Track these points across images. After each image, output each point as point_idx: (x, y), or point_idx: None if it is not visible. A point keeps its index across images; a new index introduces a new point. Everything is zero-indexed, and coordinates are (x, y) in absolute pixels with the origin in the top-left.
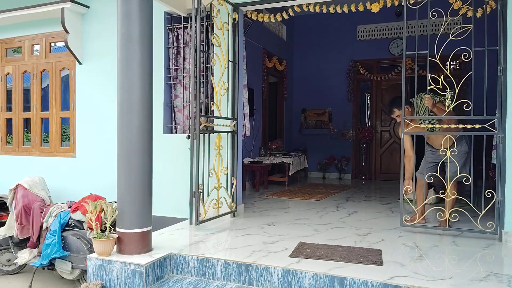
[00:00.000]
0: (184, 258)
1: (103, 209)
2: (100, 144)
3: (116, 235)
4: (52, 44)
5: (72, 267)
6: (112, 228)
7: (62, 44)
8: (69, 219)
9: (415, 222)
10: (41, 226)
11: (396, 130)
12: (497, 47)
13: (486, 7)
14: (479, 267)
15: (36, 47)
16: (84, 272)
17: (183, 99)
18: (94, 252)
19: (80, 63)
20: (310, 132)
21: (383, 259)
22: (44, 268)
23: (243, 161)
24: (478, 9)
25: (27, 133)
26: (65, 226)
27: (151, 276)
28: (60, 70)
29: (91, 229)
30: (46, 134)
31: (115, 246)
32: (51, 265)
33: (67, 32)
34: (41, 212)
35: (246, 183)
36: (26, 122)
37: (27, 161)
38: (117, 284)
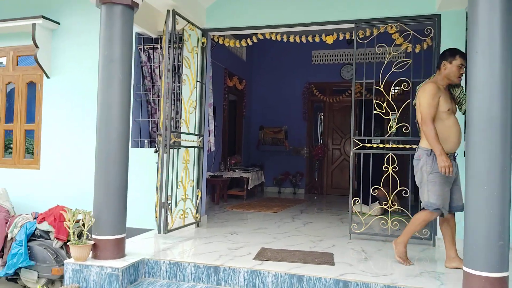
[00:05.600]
0: (157, 262)
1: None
2: (65, 156)
3: (93, 242)
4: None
5: (38, 276)
6: (89, 235)
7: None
8: (35, 229)
9: None
10: (6, 237)
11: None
12: None
13: (423, 44)
14: (415, 266)
15: (2, 59)
16: (49, 281)
17: (152, 115)
18: (71, 258)
19: (48, 77)
20: (267, 148)
21: (334, 260)
22: (7, 279)
23: None
24: (417, 45)
25: None
26: (31, 237)
27: (126, 279)
28: (27, 83)
29: (58, 239)
30: (7, 145)
31: (91, 252)
32: (15, 275)
33: (37, 47)
34: (6, 223)
35: (206, 196)
36: None
37: None
38: (93, 287)
